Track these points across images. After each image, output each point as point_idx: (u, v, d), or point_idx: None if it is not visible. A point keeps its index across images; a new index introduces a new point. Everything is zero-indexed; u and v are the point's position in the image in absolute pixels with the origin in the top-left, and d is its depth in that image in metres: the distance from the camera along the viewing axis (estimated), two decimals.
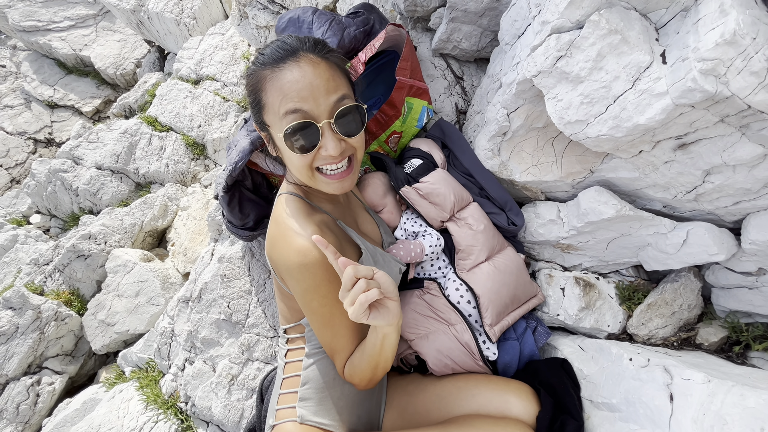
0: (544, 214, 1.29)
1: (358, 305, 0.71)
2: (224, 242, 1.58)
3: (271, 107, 0.85)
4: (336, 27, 1.31)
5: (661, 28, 0.85)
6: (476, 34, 1.57)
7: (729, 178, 0.91)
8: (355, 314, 0.72)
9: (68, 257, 2.41)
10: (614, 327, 1.23)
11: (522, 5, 1.14)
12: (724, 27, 0.69)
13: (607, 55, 0.86)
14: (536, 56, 0.98)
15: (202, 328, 1.48)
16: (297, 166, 0.90)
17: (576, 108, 0.94)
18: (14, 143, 5.17)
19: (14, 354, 2.00)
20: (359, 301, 0.71)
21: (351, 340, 0.96)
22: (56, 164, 3.40)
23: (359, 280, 0.73)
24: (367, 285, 0.72)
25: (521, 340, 1.23)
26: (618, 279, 1.31)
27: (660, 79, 0.80)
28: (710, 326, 1.17)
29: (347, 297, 0.73)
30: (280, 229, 0.93)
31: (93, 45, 5.27)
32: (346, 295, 0.73)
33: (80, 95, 5.24)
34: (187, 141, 3.60)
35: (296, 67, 0.83)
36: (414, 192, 1.28)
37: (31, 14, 5.16)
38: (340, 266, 0.74)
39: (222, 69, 3.92)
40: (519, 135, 1.23)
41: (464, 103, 1.68)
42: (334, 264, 0.76)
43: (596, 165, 1.13)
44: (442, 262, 1.30)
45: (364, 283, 0.72)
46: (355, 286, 0.72)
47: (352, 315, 0.73)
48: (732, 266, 1.07)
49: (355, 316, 0.73)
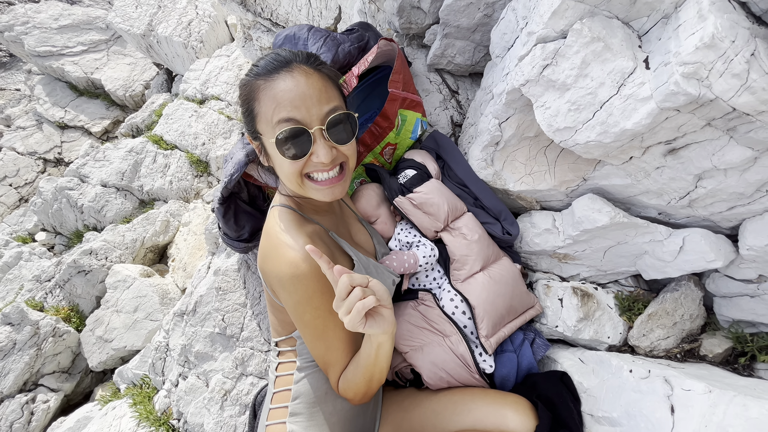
0: (540, 223, 1.28)
1: (355, 313, 0.70)
2: (221, 255, 1.59)
3: (264, 116, 0.87)
4: (330, 43, 1.35)
5: (644, 35, 0.86)
6: (470, 49, 1.60)
7: (721, 183, 0.90)
8: (352, 323, 0.72)
9: (69, 273, 2.43)
10: (614, 338, 1.20)
11: (510, 18, 1.17)
12: (703, 31, 0.70)
13: (592, 63, 0.87)
14: (523, 66, 1.00)
15: (196, 341, 1.46)
16: (287, 173, 0.90)
17: (564, 115, 0.95)
18: (24, 163, 5.30)
19: (10, 371, 1.99)
20: (356, 309, 0.70)
21: (345, 353, 0.94)
22: (63, 182, 3.47)
23: (354, 288, 0.72)
24: (363, 293, 0.72)
25: (519, 352, 1.19)
26: (617, 289, 1.29)
27: (644, 83, 0.80)
28: (714, 337, 1.13)
29: (342, 306, 0.72)
30: (272, 242, 0.93)
31: (104, 68, 5.47)
32: (341, 304, 0.72)
33: (90, 116, 5.39)
34: (191, 158, 3.67)
35: (289, 77, 0.85)
36: (408, 202, 1.28)
37: (46, 40, 5.38)
38: (335, 275, 0.74)
39: (227, 89, 4.03)
40: (511, 145, 1.23)
41: (459, 116, 1.71)
42: (327, 273, 0.75)
43: (589, 173, 1.13)
44: (436, 273, 1.29)
45: (360, 291, 0.72)
46: (351, 294, 0.72)
47: (349, 323, 0.72)
48: (732, 274, 1.05)
49: (351, 324, 0.72)
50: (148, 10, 4.77)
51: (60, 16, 5.56)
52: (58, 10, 5.65)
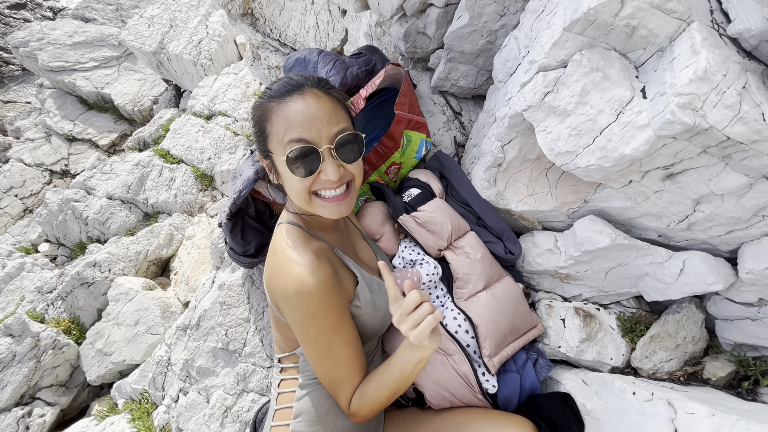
0: (542, 243, 1.30)
1: (426, 326, 0.76)
2: (225, 269, 1.60)
3: (276, 136, 0.91)
4: (339, 66, 1.40)
5: (640, 66, 0.90)
6: (473, 73, 1.66)
7: (719, 207, 0.92)
8: (421, 336, 0.76)
9: (72, 284, 2.43)
10: (617, 360, 1.20)
11: (512, 46, 1.23)
12: (697, 65, 0.74)
13: (591, 91, 0.91)
14: (525, 92, 1.04)
15: (199, 356, 1.46)
16: (296, 190, 0.93)
17: (565, 140, 0.98)
18: (31, 174, 5.36)
19: (8, 383, 1.97)
20: (427, 323, 0.76)
21: (354, 369, 0.95)
22: (69, 194, 3.51)
23: (423, 303, 0.78)
24: (431, 308, 0.77)
25: (522, 372, 1.19)
26: (619, 310, 1.29)
27: (641, 112, 0.84)
28: (717, 360, 1.13)
29: (409, 320, 0.77)
30: (279, 258, 0.95)
31: (114, 83, 5.60)
32: (406, 318, 0.78)
33: (98, 129, 5.49)
34: (196, 173, 3.72)
35: (301, 99, 0.89)
36: (412, 220, 1.31)
37: (59, 56, 5.54)
38: (405, 290, 0.80)
39: (234, 105, 4.12)
40: (513, 166, 1.26)
41: (462, 137, 1.75)
42: (394, 288, 0.80)
43: (589, 195, 1.16)
44: (440, 291, 1.30)
45: (429, 306, 0.77)
46: (420, 309, 0.77)
47: (417, 337, 0.76)
48: (732, 296, 1.06)
49: (421, 337, 0.76)
50: (160, 29, 4.92)
51: (74, 33, 5.73)
52: (73, 28, 5.83)
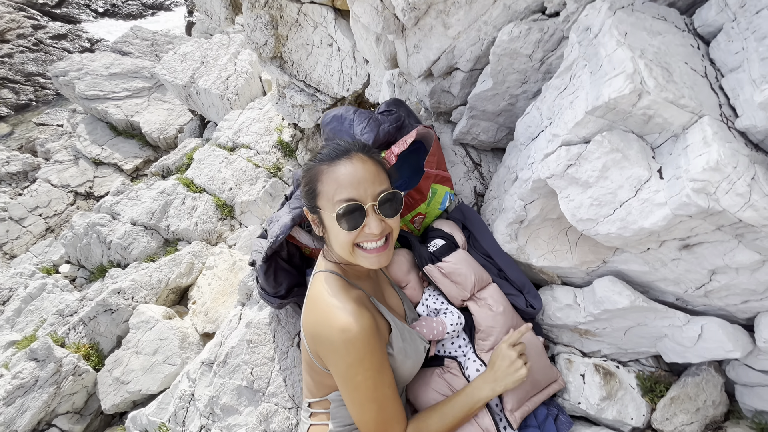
0: (561, 298, 1.36)
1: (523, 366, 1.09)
2: (252, 307, 1.67)
3: (326, 194, 1.01)
4: (373, 124, 1.53)
5: (656, 148, 0.99)
6: (493, 128, 1.78)
7: (734, 279, 0.98)
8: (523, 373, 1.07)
9: (96, 310, 2.50)
10: (638, 420, 1.21)
11: (535, 115, 1.34)
12: (709, 156, 0.83)
13: (611, 168, 1.00)
14: (549, 162, 1.13)
15: (224, 393, 1.50)
16: (342, 242, 1.02)
17: (587, 208, 1.07)
18: (56, 195, 5.57)
19: (28, 408, 2.00)
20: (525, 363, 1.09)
21: (400, 410, 1.03)
22: (96, 218, 3.64)
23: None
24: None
25: (543, 428, 1.21)
26: (638, 368, 1.32)
27: (659, 191, 0.92)
28: (738, 426, 1.15)
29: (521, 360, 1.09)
30: (321, 306, 1.03)
31: (143, 112, 5.91)
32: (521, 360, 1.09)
33: (124, 154, 5.74)
34: (217, 202, 3.86)
35: (349, 163, 1.01)
36: (437, 270, 1.38)
37: (95, 85, 5.89)
38: (524, 331, 1.15)
39: (257, 138, 4.32)
40: (535, 224, 1.34)
41: (482, 187, 1.85)
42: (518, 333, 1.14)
43: (608, 256, 1.22)
44: (462, 341, 1.34)
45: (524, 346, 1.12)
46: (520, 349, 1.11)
47: (524, 375, 1.07)
48: (751, 363, 1.09)
49: (524, 375, 1.07)
50: (192, 65, 5.25)
51: (111, 65, 6.12)
52: (110, 60, 6.23)
